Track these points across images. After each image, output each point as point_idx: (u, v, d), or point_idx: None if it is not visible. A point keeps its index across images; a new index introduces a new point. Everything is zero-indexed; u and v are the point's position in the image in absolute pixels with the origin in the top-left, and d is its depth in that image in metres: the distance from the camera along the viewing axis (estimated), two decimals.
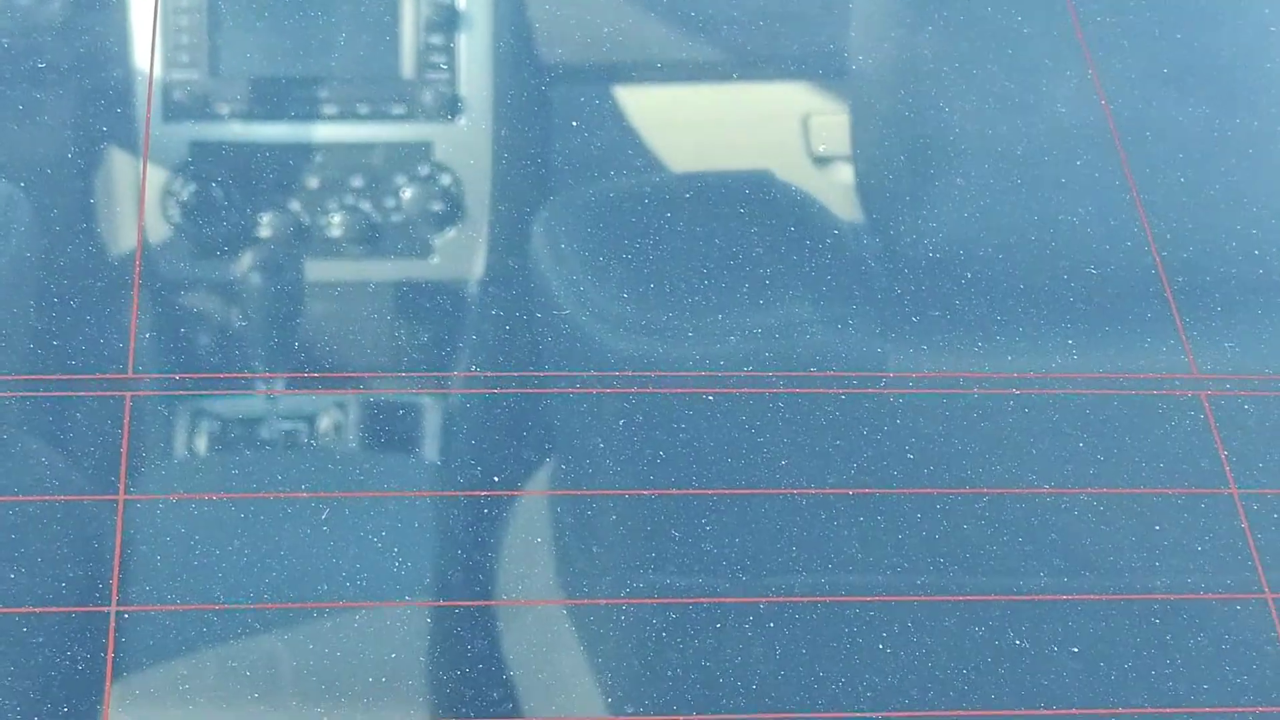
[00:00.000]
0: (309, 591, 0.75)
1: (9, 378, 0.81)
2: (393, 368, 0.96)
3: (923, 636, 0.74)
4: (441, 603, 0.77)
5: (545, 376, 0.86)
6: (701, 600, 0.76)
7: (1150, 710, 0.74)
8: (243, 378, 0.91)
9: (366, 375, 0.95)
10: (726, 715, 0.73)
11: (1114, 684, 0.74)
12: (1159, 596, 0.77)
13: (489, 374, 0.92)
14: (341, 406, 0.90)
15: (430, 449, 0.90)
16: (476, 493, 0.84)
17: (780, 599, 0.76)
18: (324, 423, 0.91)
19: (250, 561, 0.77)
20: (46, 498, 0.80)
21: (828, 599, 0.76)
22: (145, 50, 1.01)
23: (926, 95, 0.91)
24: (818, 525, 0.79)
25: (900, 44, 0.93)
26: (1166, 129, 0.90)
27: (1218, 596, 0.76)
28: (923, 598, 0.77)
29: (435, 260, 1.00)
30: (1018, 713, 0.73)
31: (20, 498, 0.80)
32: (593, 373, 0.84)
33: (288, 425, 0.91)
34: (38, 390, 0.83)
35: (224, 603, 0.74)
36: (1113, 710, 0.75)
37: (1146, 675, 0.75)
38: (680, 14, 1.05)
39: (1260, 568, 0.74)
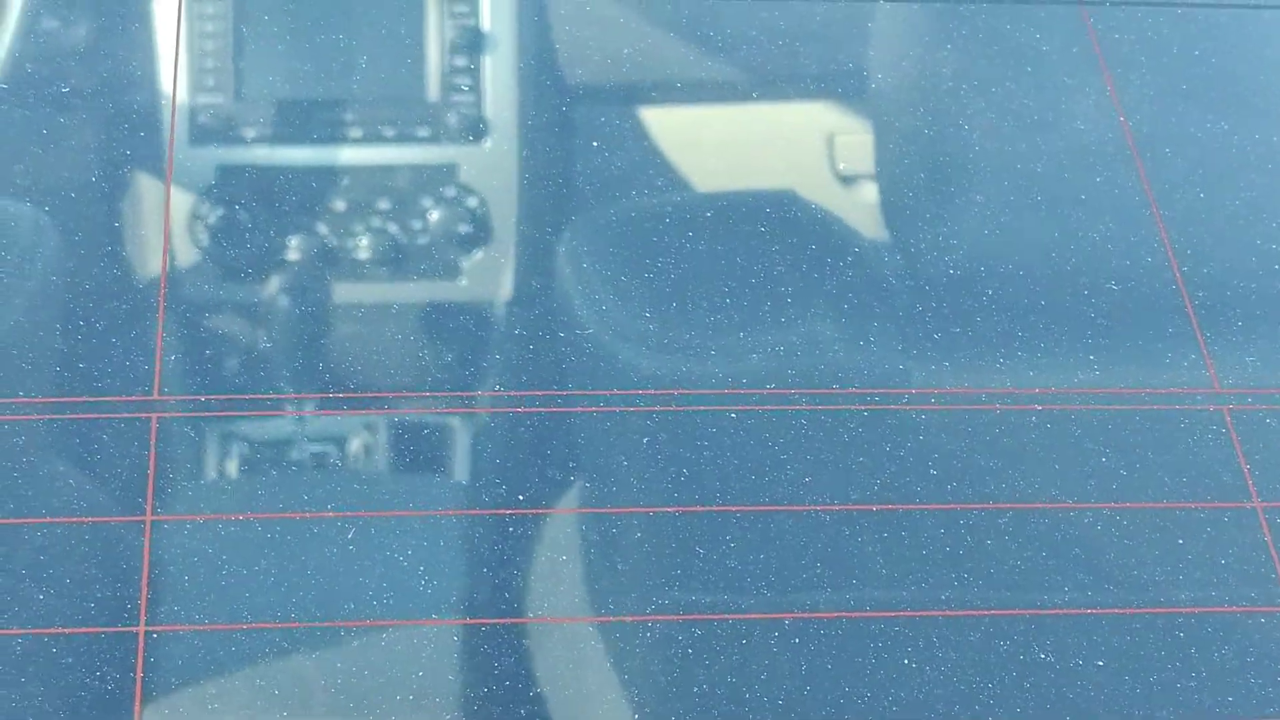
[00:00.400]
0: (336, 610, 0.75)
1: (36, 400, 0.82)
2: (419, 388, 0.96)
3: (947, 651, 0.74)
4: (468, 620, 0.77)
5: (570, 395, 0.87)
6: (726, 617, 0.76)
7: None
8: (269, 399, 0.92)
9: (393, 395, 0.95)
10: None
11: (1139, 697, 0.74)
12: (1183, 610, 0.77)
13: (514, 394, 0.92)
14: (368, 427, 0.91)
15: (456, 468, 0.90)
16: (502, 511, 0.84)
17: (805, 615, 0.75)
18: (351, 443, 0.91)
19: (278, 581, 0.78)
20: (74, 519, 0.81)
21: (852, 614, 0.76)
22: (170, 74, 1.02)
23: (947, 113, 0.91)
24: (841, 541, 0.79)
25: (920, 62, 0.94)
26: (1185, 144, 0.90)
27: (1242, 609, 0.76)
28: (947, 613, 0.76)
29: (462, 282, 1.01)
30: None
31: (48, 519, 0.81)
32: (617, 391, 0.84)
33: (314, 446, 0.92)
34: (65, 413, 0.83)
35: (252, 622, 0.74)
36: None
37: (1172, 688, 0.74)
38: (702, 34, 1.06)
39: None
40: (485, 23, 1.07)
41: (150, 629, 0.73)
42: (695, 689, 0.74)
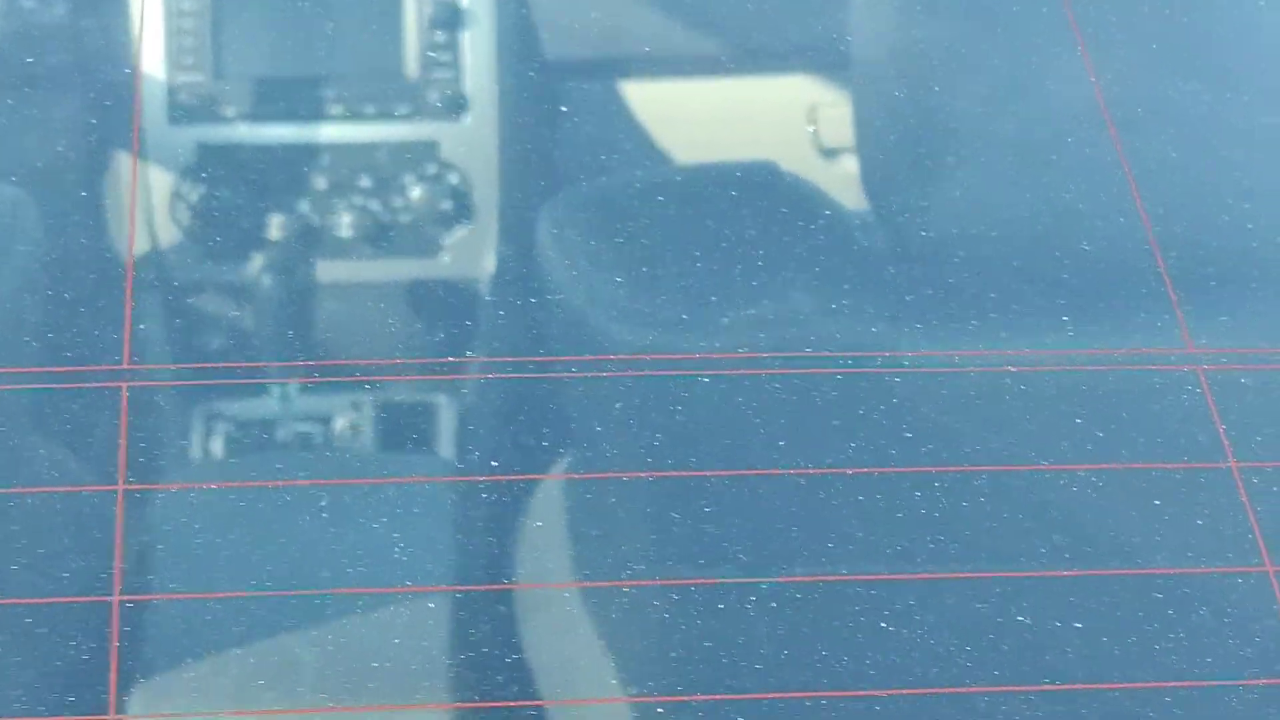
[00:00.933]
0: (311, 579, 0.76)
1: (9, 370, 0.82)
2: (399, 359, 0.98)
3: (925, 614, 0.74)
4: (443, 588, 0.78)
5: (550, 362, 0.89)
6: (703, 582, 0.76)
7: (1153, 684, 0.74)
8: (243, 369, 0.95)
9: (372, 367, 0.96)
10: (730, 696, 0.73)
11: (1117, 659, 0.74)
12: (1160, 571, 0.77)
13: (493, 362, 0.94)
14: (347, 398, 0.92)
15: (434, 438, 0.91)
16: (478, 478, 0.85)
17: (781, 579, 0.76)
18: (330, 414, 0.92)
19: (252, 549, 0.78)
20: (47, 489, 0.82)
21: (829, 578, 0.76)
22: (150, 53, 1.02)
23: (923, 82, 0.92)
24: (817, 505, 0.79)
25: (898, 33, 0.94)
26: (1157, 106, 0.91)
27: (1219, 570, 0.76)
28: (924, 575, 0.77)
29: (444, 258, 1.02)
30: (1021, 688, 0.73)
31: (21, 489, 0.82)
32: (596, 357, 0.86)
33: (294, 419, 0.93)
34: (37, 383, 0.84)
35: (227, 591, 0.75)
36: (1116, 685, 0.75)
37: (1149, 650, 0.75)
38: (682, 7, 1.07)
39: (1261, 540, 0.74)
40: None
41: (125, 598, 0.73)
42: (673, 654, 0.75)
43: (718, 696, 0.73)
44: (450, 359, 0.98)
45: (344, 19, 1.09)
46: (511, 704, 0.75)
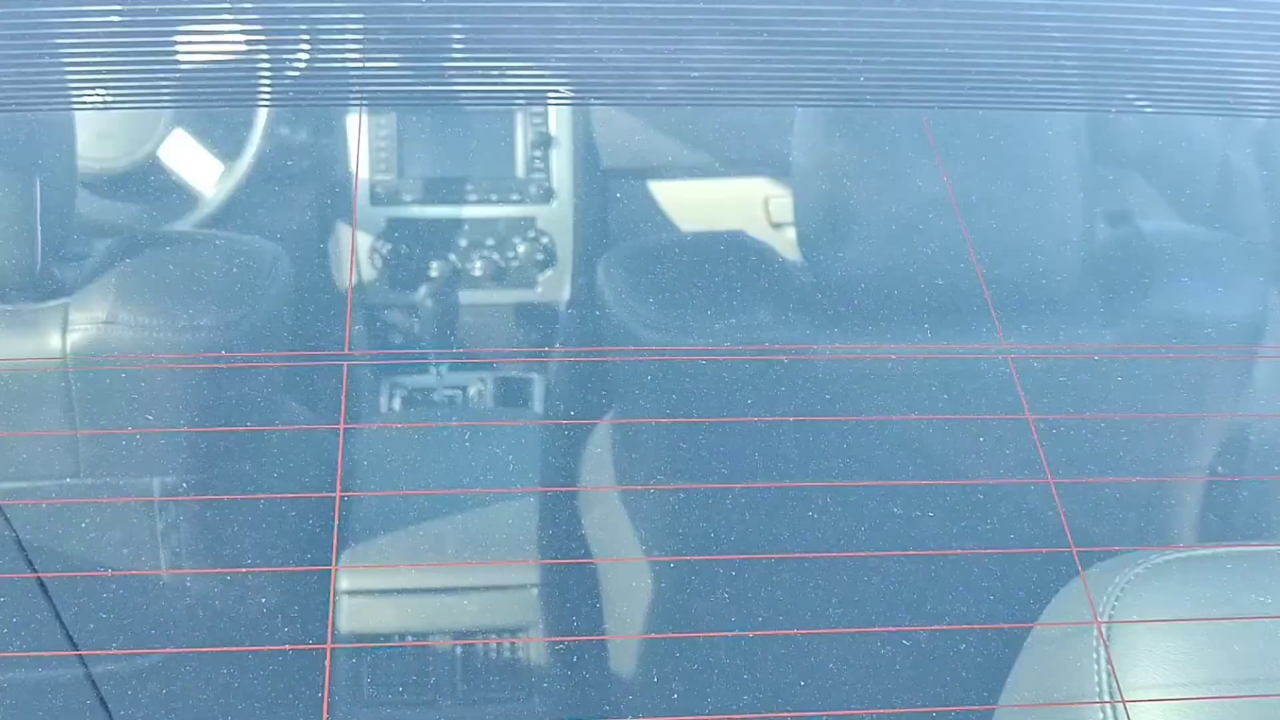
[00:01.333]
0: (457, 482, 0.77)
1: (278, 354, 0.86)
2: (510, 349, 1.02)
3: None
4: (537, 489, 0.79)
5: (601, 351, 0.91)
6: (697, 487, 0.76)
7: (959, 551, 0.72)
8: (415, 353, 1.01)
9: (494, 352, 1.03)
10: (709, 557, 0.72)
11: (937, 536, 0.72)
12: (963, 482, 0.76)
13: (568, 351, 1.00)
14: (478, 374, 0.96)
15: (531, 398, 0.95)
16: (559, 422, 0.90)
17: (741, 485, 0.75)
18: (468, 384, 0.96)
19: (421, 464, 0.80)
20: (294, 427, 0.83)
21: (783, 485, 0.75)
22: (361, 160, 1.08)
23: (836, 180, 0.93)
24: (766, 437, 0.79)
25: (820, 148, 0.95)
26: (990, 195, 0.90)
27: (1011, 482, 0.75)
28: (812, 484, 0.75)
29: (538, 289, 1.08)
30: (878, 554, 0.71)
31: (278, 426, 0.82)
32: (634, 348, 0.87)
33: (444, 385, 0.96)
34: (294, 361, 0.86)
35: (407, 490, 0.77)
36: (933, 551, 0.72)
37: (955, 535, 0.73)
38: (686, 134, 1.10)
39: (1045, 463, 0.72)
40: (552, 129, 1.12)
41: (344, 494, 0.72)
42: (679, 528, 0.75)
43: (712, 557, 0.72)
44: (542, 349, 1.10)
45: (479, 141, 1.12)
46: (578, 561, 0.76)
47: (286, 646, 0.66)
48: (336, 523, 0.71)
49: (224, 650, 0.69)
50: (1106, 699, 0.53)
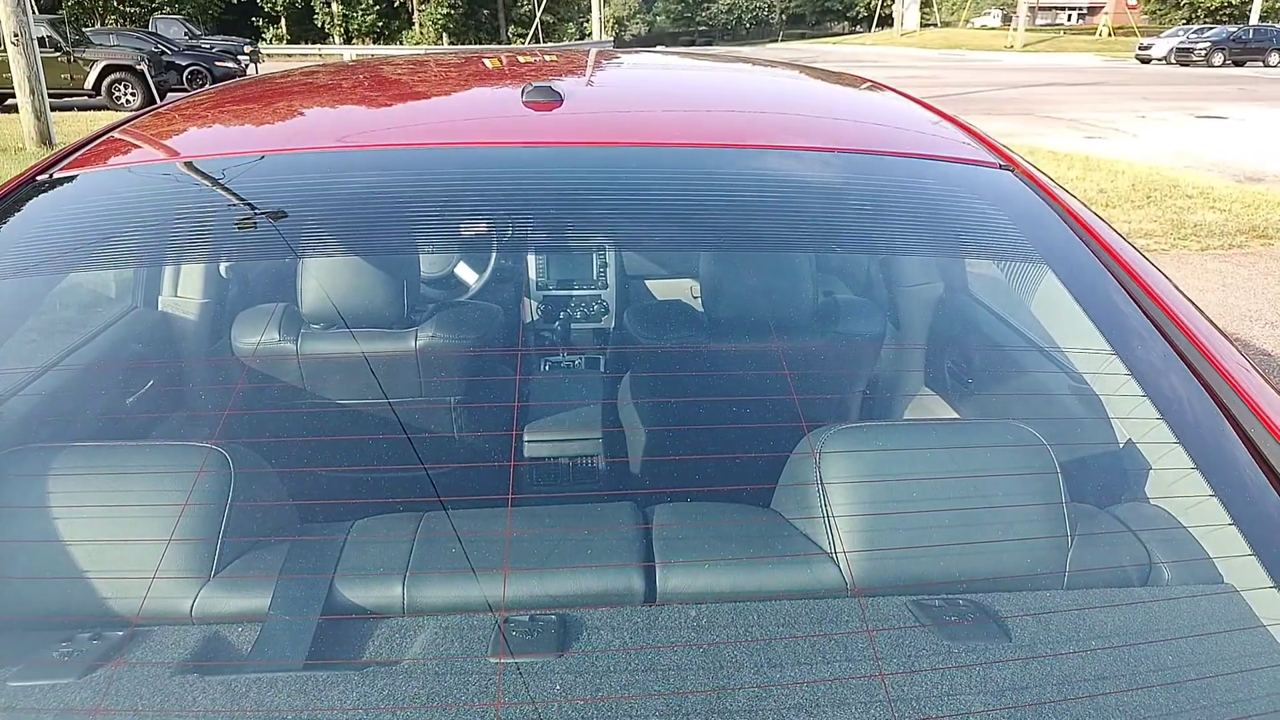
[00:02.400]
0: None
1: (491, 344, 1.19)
2: (583, 347, 1.73)
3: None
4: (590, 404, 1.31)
5: (621, 349, 1.53)
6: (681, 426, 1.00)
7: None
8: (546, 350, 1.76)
9: (580, 349, 1.74)
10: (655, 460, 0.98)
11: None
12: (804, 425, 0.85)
13: (611, 349, 1.69)
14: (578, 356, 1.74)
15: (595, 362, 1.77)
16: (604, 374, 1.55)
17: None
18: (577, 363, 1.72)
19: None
20: (484, 377, 1.14)
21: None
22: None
23: (724, 277, 1.24)
24: (720, 363, 1.10)
25: (721, 254, 1.24)
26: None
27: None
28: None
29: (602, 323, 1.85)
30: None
31: (469, 377, 1.17)
32: (641, 345, 1.26)
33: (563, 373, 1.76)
34: (479, 354, 1.15)
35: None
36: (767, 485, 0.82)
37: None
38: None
39: (802, 420, 0.87)
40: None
41: (521, 436, 0.98)
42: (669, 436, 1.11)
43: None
44: (597, 348, 1.77)
45: None
46: (618, 460, 1.10)
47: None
48: (515, 434, 0.87)
49: None
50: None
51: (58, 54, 12.52)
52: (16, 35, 7.96)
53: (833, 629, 0.65)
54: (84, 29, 15.68)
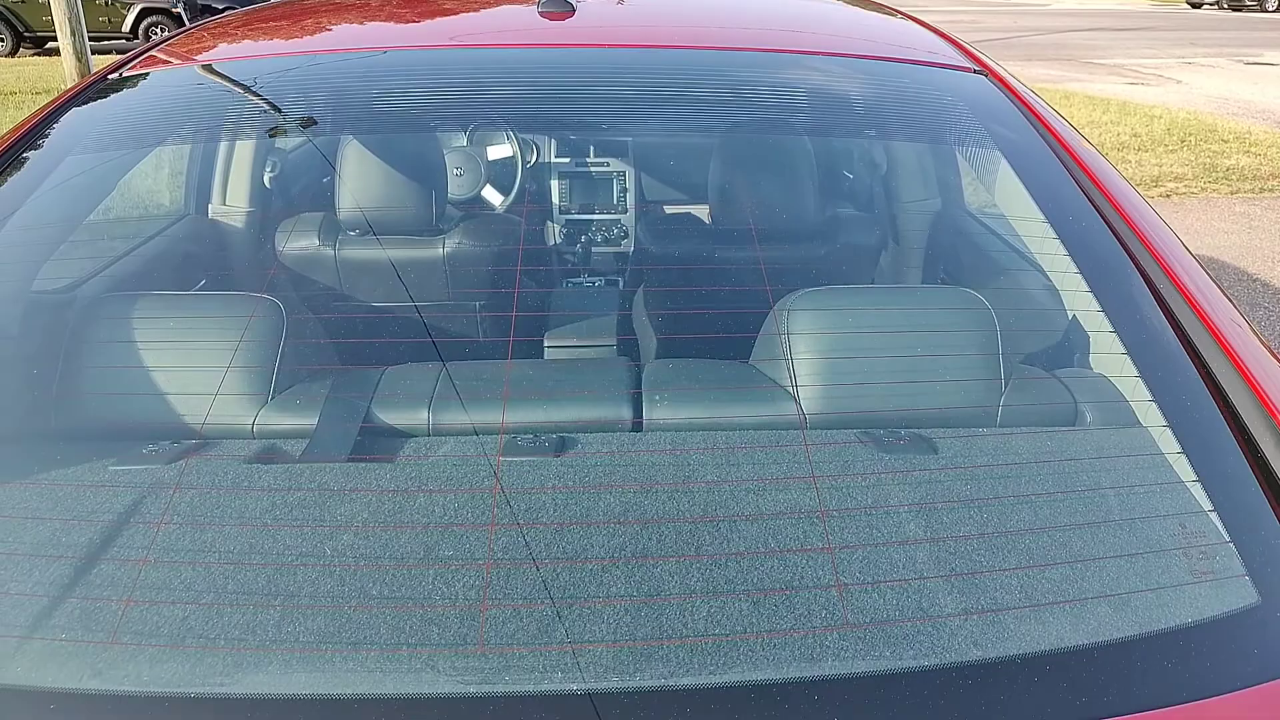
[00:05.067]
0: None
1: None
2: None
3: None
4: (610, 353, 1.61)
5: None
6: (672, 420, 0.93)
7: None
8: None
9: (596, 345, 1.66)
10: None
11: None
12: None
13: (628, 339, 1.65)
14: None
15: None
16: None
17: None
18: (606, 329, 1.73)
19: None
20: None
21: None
22: None
23: (719, 170, 1.35)
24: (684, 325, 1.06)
25: (721, 140, 1.38)
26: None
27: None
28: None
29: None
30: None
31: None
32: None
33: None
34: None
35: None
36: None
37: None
38: None
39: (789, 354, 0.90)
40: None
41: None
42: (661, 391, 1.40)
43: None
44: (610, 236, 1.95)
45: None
46: (638, 419, 0.89)
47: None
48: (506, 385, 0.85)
49: None
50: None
51: None
52: None
53: (784, 452, 0.77)
54: None
